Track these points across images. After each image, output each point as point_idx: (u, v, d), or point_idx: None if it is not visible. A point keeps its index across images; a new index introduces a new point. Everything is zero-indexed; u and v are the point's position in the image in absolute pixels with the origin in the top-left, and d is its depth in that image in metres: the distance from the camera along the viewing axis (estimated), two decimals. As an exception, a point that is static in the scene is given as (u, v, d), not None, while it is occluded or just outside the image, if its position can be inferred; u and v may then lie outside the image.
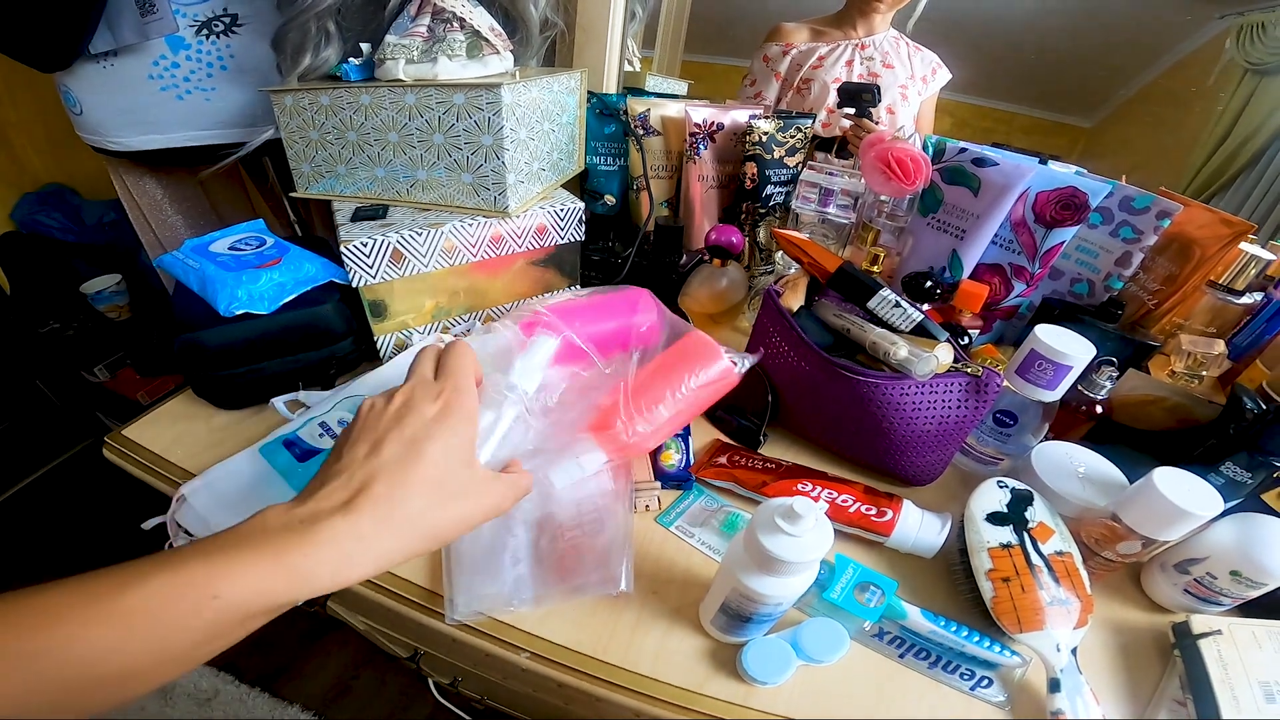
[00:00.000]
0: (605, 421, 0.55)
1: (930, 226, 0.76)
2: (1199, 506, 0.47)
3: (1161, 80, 1.15)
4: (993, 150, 0.72)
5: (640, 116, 0.87)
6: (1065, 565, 0.51)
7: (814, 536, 0.40)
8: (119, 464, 0.61)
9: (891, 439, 0.59)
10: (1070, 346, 0.55)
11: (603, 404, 0.56)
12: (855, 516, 0.56)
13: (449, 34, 0.65)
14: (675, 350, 0.61)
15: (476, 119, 0.64)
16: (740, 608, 0.44)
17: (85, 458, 1.77)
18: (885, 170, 0.70)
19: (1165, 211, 0.68)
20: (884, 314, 0.61)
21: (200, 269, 0.63)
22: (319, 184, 0.75)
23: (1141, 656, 0.52)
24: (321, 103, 0.68)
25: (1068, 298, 0.77)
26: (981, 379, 0.55)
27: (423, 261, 0.67)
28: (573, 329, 0.60)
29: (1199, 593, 0.52)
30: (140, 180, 0.92)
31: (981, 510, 0.54)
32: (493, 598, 0.49)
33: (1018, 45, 1.23)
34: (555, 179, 0.80)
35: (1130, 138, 1.23)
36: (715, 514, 0.59)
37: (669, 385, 0.57)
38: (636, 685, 0.46)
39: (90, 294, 1.64)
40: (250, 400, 0.66)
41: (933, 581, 0.55)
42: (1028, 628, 0.47)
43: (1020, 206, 0.70)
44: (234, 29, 0.76)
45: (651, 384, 0.57)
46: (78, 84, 0.78)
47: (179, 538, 0.51)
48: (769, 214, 0.87)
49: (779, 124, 0.82)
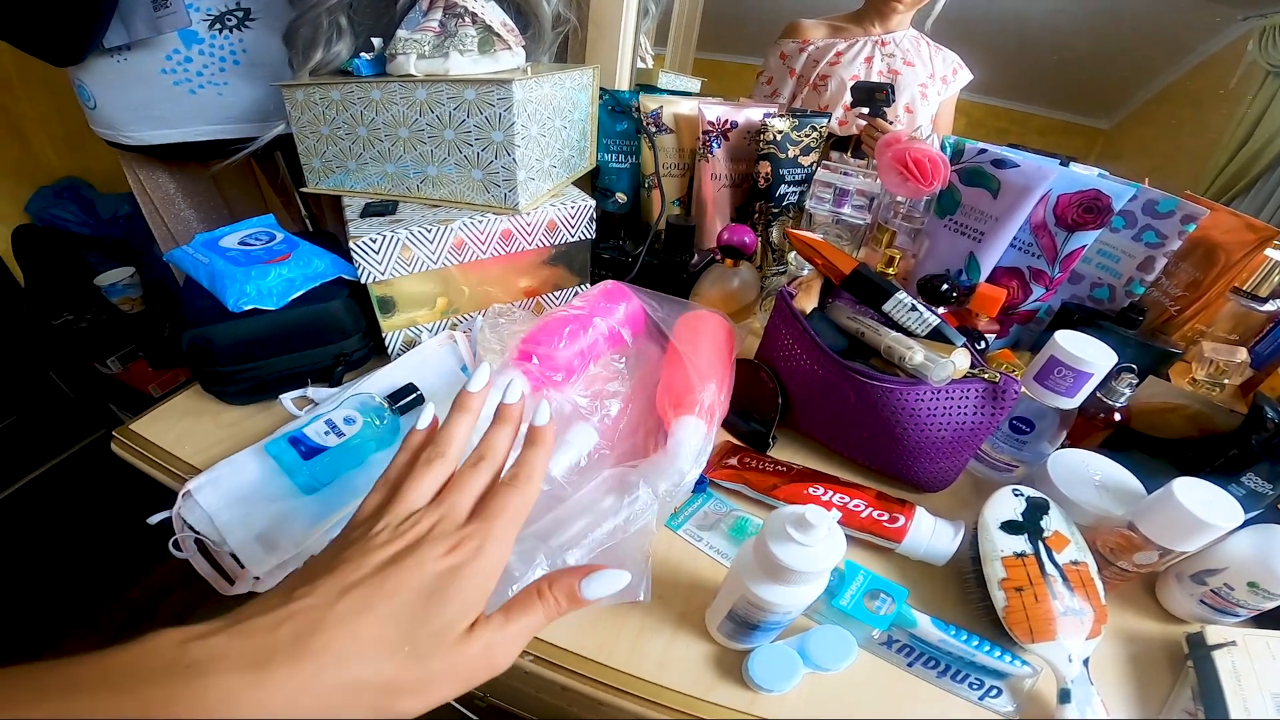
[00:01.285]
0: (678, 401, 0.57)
1: (947, 228, 0.75)
2: (1220, 518, 0.46)
3: (1181, 82, 1.14)
4: (1013, 151, 0.71)
5: (653, 113, 0.86)
6: (1080, 575, 0.50)
7: (826, 546, 0.39)
8: (126, 458, 0.62)
9: (905, 445, 0.58)
10: (1091, 353, 0.54)
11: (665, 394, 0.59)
12: (866, 522, 0.55)
13: (461, 29, 0.64)
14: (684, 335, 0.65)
15: (488, 115, 0.63)
16: (748, 615, 0.43)
17: (98, 449, 1.78)
18: (902, 170, 0.69)
19: (1190, 216, 0.66)
20: (899, 317, 0.60)
21: (209, 264, 0.62)
22: (329, 179, 0.75)
23: (1153, 666, 0.51)
24: (332, 98, 0.68)
25: (1087, 303, 0.76)
26: (999, 385, 0.54)
27: (432, 258, 0.66)
28: (565, 351, 0.60)
29: (1215, 603, 0.51)
30: (153, 174, 0.93)
31: (996, 519, 0.53)
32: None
33: (1035, 45, 1.22)
34: (566, 176, 0.79)
35: (1148, 140, 1.22)
36: (724, 518, 0.59)
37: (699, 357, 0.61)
38: (640, 690, 0.46)
39: (104, 286, 1.66)
40: (258, 396, 0.65)
41: (942, 588, 0.55)
42: (1040, 638, 0.46)
43: (1041, 209, 0.69)
44: (247, 23, 0.76)
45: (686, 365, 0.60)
46: (91, 78, 0.78)
47: (184, 533, 0.50)
48: (782, 214, 0.86)
49: (794, 122, 0.81)
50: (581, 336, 0.62)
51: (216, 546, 0.50)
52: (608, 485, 0.51)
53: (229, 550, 0.49)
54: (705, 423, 0.57)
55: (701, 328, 0.66)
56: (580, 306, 0.66)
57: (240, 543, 0.49)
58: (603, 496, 0.50)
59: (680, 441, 0.54)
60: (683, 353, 0.61)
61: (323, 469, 0.52)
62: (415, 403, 0.60)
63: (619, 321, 0.67)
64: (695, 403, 0.57)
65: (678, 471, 0.52)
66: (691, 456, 0.54)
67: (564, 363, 0.60)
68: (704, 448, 0.55)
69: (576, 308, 0.65)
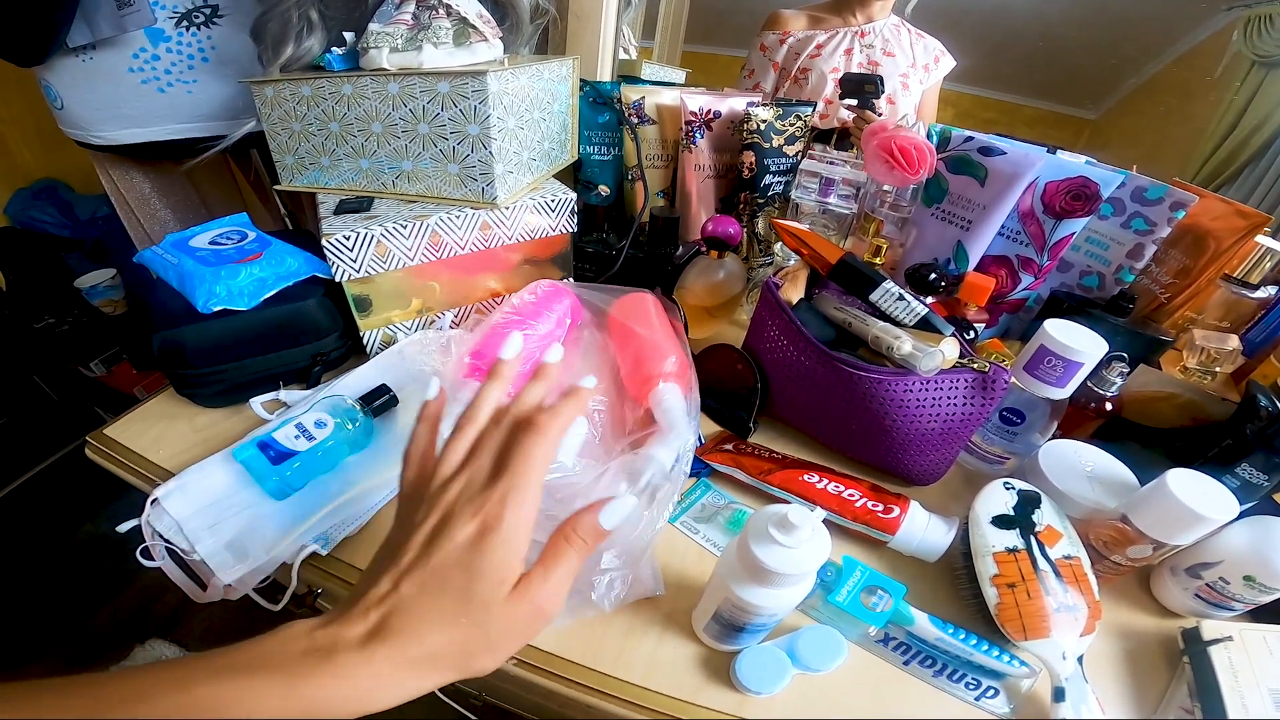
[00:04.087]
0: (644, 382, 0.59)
1: (934, 217, 0.74)
2: (1214, 510, 0.45)
3: (1167, 72, 1.14)
4: (1000, 139, 0.70)
5: (635, 104, 0.84)
6: (1073, 570, 0.49)
7: (809, 548, 0.38)
8: (101, 464, 0.60)
9: (894, 437, 0.57)
10: (1081, 342, 0.53)
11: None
12: (861, 512, 0.54)
13: (434, 21, 0.63)
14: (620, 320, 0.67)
15: (462, 108, 0.62)
16: (733, 617, 0.42)
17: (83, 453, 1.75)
18: (888, 159, 0.67)
19: (1180, 203, 0.65)
20: (887, 307, 0.58)
21: (179, 264, 0.61)
22: (303, 176, 0.73)
23: (1148, 662, 0.50)
24: (303, 93, 0.66)
25: (1077, 290, 0.75)
26: (989, 375, 0.53)
27: (408, 255, 0.65)
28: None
29: (1210, 597, 0.51)
30: (127, 174, 0.91)
31: (987, 513, 0.52)
32: None
33: (1022, 34, 1.21)
34: (547, 169, 0.78)
35: (1135, 129, 1.22)
36: (722, 510, 0.58)
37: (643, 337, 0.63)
38: (627, 694, 0.45)
39: (85, 289, 1.63)
40: (234, 399, 0.64)
41: (934, 584, 0.54)
42: (1032, 635, 0.46)
43: (1029, 197, 0.67)
44: (214, 20, 0.74)
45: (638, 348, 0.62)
46: (57, 78, 0.76)
47: (154, 541, 0.49)
48: (767, 204, 0.84)
49: (778, 112, 0.80)
50: (529, 341, 0.61)
51: (186, 554, 0.48)
52: (615, 474, 0.51)
53: (198, 558, 0.47)
54: (680, 386, 0.57)
55: (640, 308, 0.67)
56: (517, 310, 0.65)
57: (210, 550, 0.47)
58: (614, 486, 0.50)
59: (667, 409, 0.55)
60: (637, 332, 0.62)
61: (294, 474, 0.51)
62: (389, 404, 0.59)
63: (559, 318, 0.68)
64: (665, 373, 0.58)
65: (678, 436, 0.52)
66: (683, 418, 0.54)
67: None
68: (691, 410, 0.56)
69: (515, 312, 0.65)
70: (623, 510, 0.34)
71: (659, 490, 0.49)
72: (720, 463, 0.60)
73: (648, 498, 0.49)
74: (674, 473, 0.51)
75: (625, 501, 0.34)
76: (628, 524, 0.34)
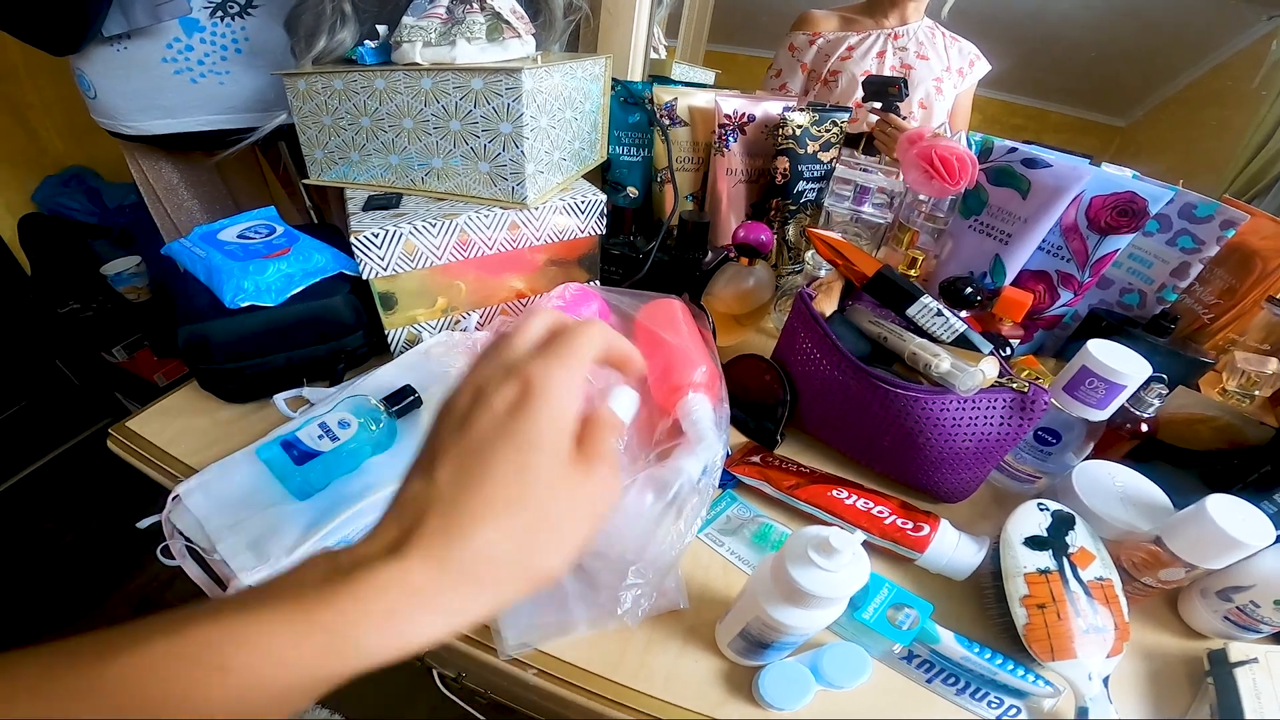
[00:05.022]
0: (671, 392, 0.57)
1: (972, 229, 0.72)
2: (1253, 536, 0.45)
3: (1203, 80, 1.12)
4: (1044, 150, 0.68)
5: (666, 105, 0.83)
6: (1105, 591, 0.48)
7: (849, 572, 0.37)
8: (122, 456, 0.60)
9: (926, 454, 0.56)
10: (1125, 364, 0.51)
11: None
12: (890, 529, 0.53)
13: (468, 15, 0.62)
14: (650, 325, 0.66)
15: (495, 105, 0.61)
16: (762, 635, 0.42)
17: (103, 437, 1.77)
18: (927, 169, 0.66)
19: (1230, 221, 0.63)
20: (924, 322, 0.57)
21: (207, 258, 0.61)
22: (332, 171, 0.73)
23: (1171, 683, 0.50)
24: (335, 87, 0.66)
25: (1116, 308, 0.73)
26: (1028, 396, 0.52)
27: (436, 254, 0.64)
28: None
29: (1239, 620, 0.50)
30: (156, 164, 0.91)
31: (1020, 534, 0.51)
32: (547, 627, 0.46)
33: (1053, 40, 1.20)
34: (576, 169, 0.77)
35: (1166, 138, 1.20)
36: (748, 523, 0.57)
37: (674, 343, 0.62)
38: (647, 707, 0.44)
39: (110, 275, 1.65)
40: (257, 394, 0.64)
41: (960, 602, 0.53)
42: (1060, 656, 0.45)
43: (1073, 211, 0.66)
44: (249, 11, 0.73)
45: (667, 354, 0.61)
46: (91, 67, 0.76)
47: (174, 539, 0.49)
48: (799, 211, 0.83)
49: (814, 117, 0.78)
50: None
51: (206, 554, 0.48)
52: (643, 486, 0.50)
53: (219, 557, 0.47)
54: (709, 397, 0.57)
55: (669, 314, 0.66)
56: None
57: (231, 550, 0.47)
58: (642, 498, 0.49)
59: (696, 420, 0.54)
60: (665, 339, 0.62)
61: (316, 474, 0.50)
62: (413, 405, 0.58)
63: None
64: (694, 383, 0.57)
65: (707, 448, 0.52)
66: (713, 430, 0.53)
67: None
68: (721, 422, 0.55)
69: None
70: (630, 398, 0.32)
71: (687, 503, 0.48)
72: (747, 475, 0.59)
73: (675, 511, 0.48)
74: (702, 485, 0.50)
75: (625, 391, 0.32)
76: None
